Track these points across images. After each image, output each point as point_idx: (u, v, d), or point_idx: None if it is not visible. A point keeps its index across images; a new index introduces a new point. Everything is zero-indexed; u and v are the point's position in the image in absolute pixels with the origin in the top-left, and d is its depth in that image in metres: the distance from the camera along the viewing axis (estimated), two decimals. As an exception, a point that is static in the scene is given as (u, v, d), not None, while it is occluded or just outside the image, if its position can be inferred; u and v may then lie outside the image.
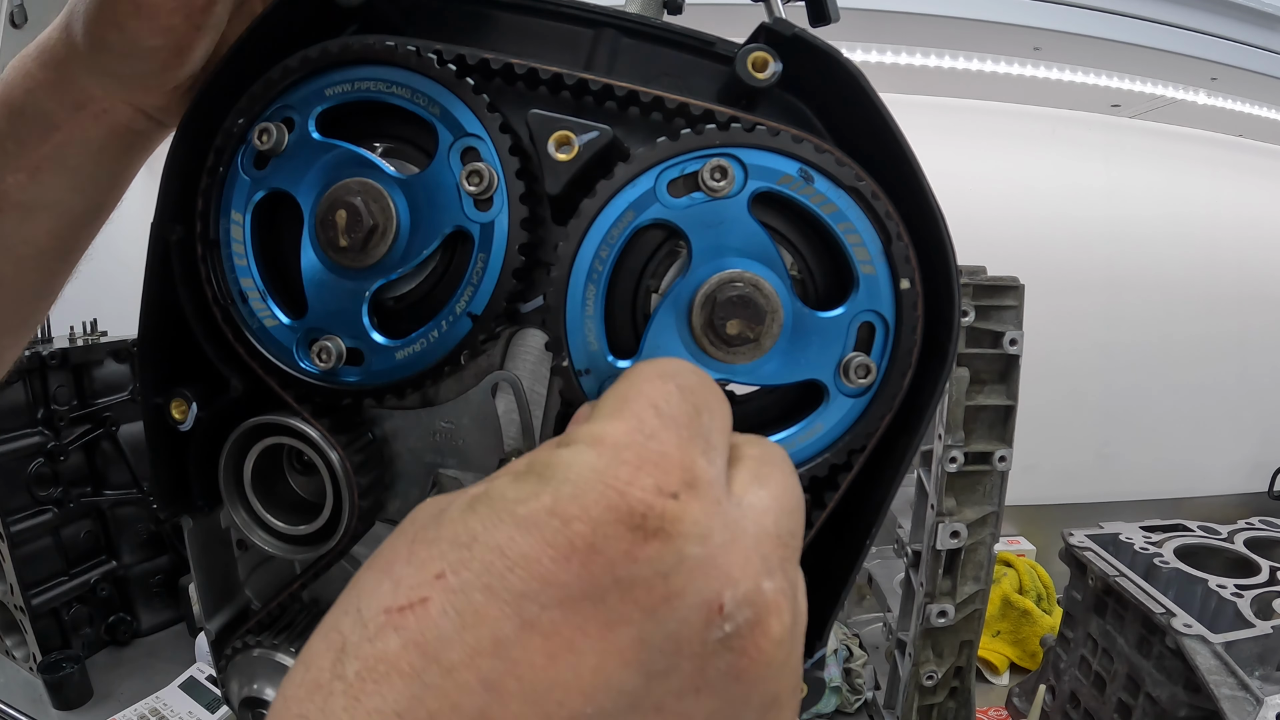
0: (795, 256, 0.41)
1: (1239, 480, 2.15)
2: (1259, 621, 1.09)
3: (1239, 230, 2.14)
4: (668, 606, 0.23)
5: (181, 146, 0.44)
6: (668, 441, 0.25)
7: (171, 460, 0.47)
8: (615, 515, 0.23)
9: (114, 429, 1.60)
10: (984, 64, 1.72)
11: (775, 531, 0.26)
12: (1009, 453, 1.18)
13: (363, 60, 0.41)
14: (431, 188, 0.41)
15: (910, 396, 0.40)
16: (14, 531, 1.43)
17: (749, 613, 0.24)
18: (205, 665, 1.49)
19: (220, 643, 0.51)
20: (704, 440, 0.27)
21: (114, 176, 0.51)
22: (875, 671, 1.46)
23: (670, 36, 0.42)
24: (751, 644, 0.24)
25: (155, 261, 0.45)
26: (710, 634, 0.23)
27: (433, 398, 0.46)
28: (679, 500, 0.24)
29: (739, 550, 0.24)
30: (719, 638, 0.23)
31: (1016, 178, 2.02)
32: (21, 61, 0.47)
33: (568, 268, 0.40)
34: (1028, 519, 1.95)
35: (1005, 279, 1.20)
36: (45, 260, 0.53)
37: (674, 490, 0.24)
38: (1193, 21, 1.57)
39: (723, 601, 0.23)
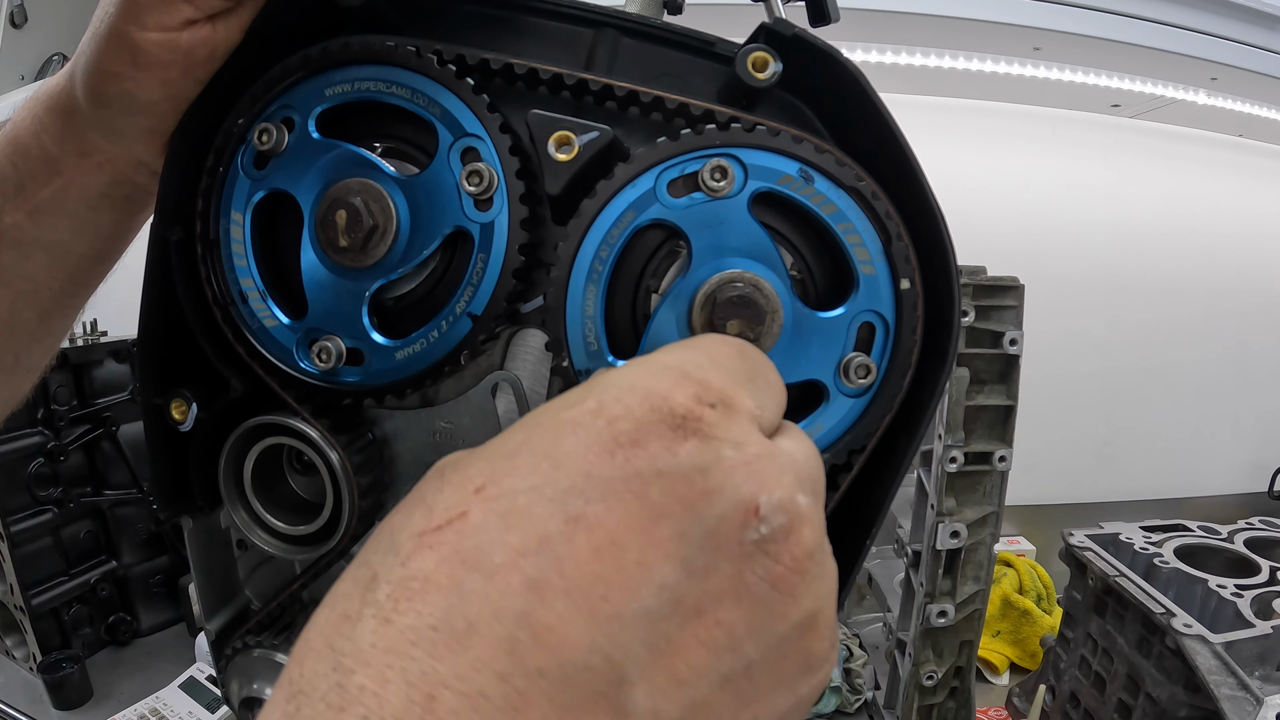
0: (795, 256, 0.41)
1: (1239, 480, 2.15)
2: (1259, 621, 1.09)
3: (1239, 230, 2.14)
4: (706, 502, 0.23)
5: (181, 146, 0.44)
6: (713, 374, 0.27)
7: (171, 460, 0.47)
8: (657, 415, 0.24)
9: (114, 429, 1.60)
10: (984, 64, 1.72)
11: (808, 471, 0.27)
12: (1009, 453, 1.18)
13: (363, 60, 0.41)
14: (431, 188, 0.41)
15: (910, 396, 0.40)
16: (14, 531, 1.42)
17: (783, 519, 0.24)
18: (205, 665, 1.48)
19: (220, 643, 0.51)
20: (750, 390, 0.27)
21: (115, 225, 0.52)
22: (875, 671, 1.46)
23: (670, 36, 0.42)
24: (786, 550, 0.24)
25: (155, 262, 0.45)
26: (747, 534, 0.24)
27: (433, 398, 0.46)
28: (716, 410, 0.25)
29: (774, 465, 0.25)
30: (755, 539, 0.24)
31: (1016, 178, 2.01)
32: (32, 103, 0.48)
33: (568, 268, 0.40)
34: (1028, 519, 1.95)
35: (1005, 279, 1.20)
36: (42, 299, 0.53)
37: (712, 402, 0.25)
38: (1193, 21, 1.57)
39: (758, 503, 0.24)
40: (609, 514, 0.23)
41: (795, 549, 0.24)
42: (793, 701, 0.26)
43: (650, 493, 0.23)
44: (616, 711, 0.22)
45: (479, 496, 0.24)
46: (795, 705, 0.26)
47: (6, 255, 0.50)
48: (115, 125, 0.44)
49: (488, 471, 0.24)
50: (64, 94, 0.46)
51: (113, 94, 0.42)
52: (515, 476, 0.24)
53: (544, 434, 0.25)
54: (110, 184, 0.48)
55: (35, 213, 0.49)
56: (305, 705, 0.22)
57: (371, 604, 0.23)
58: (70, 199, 0.48)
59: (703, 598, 0.23)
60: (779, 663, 0.25)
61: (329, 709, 0.21)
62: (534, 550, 0.23)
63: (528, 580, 0.22)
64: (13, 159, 0.48)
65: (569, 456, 0.24)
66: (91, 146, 0.47)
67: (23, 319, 0.54)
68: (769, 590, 0.24)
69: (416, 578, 0.23)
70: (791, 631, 0.25)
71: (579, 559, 0.22)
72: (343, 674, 0.22)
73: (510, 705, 0.21)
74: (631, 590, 0.22)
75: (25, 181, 0.48)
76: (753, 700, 0.25)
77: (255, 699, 0.49)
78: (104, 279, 0.56)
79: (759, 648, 0.24)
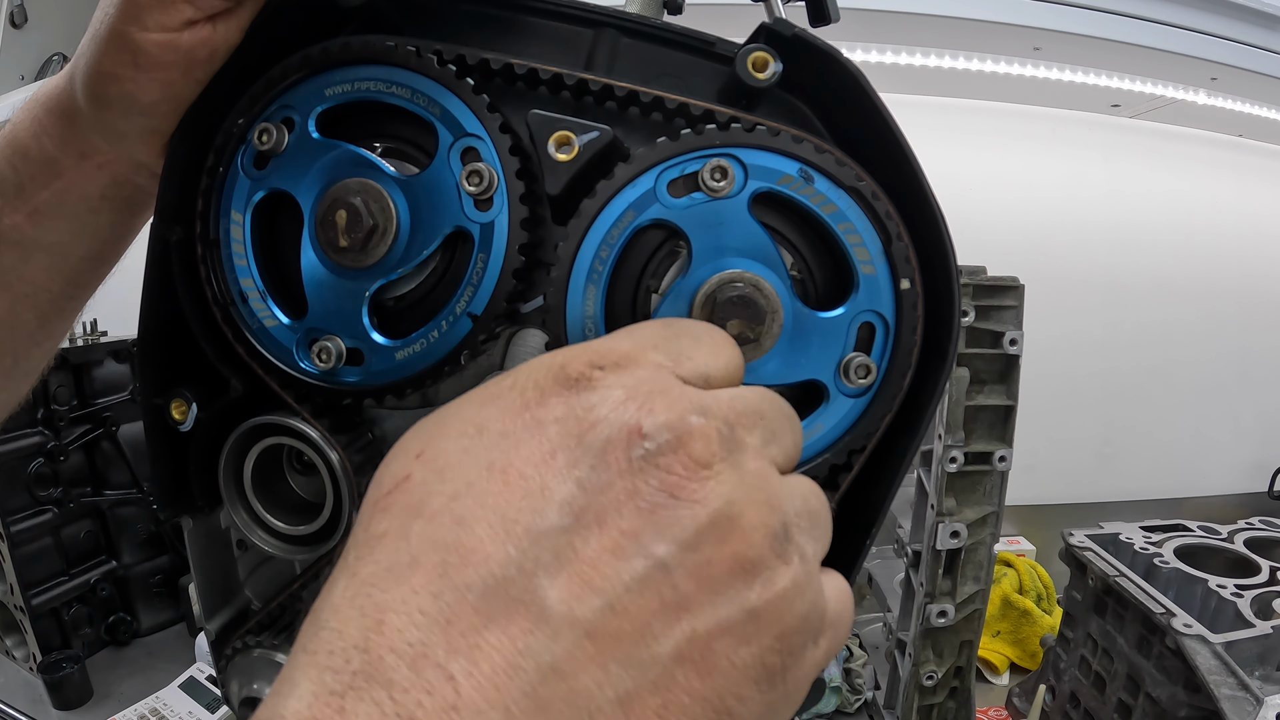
0: (795, 256, 0.41)
1: (1239, 480, 2.15)
2: (1259, 621, 1.09)
3: (1239, 230, 2.14)
4: (593, 431, 0.27)
5: (181, 146, 0.44)
6: (620, 342, 0.30)
7: (171, 460, 0.47)
8: (555, 378, 0.29)
9: (114, 429, 1.60)
10: (984, 64, 1.72)
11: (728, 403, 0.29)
12: (1009, 453, 1.18)
13: (363, 60, 0.41)
14: (431, 188, 0.41)
15: (910, 396, 0.40)
16: (14, 531, 1.42)
17: (668, 435, 0.27)
18: (205, 665, 1.48)
19: (220, 643, 0.51)
20: (669, 350, 0.31)
21: (115, 227, 0.52)
22: (875, 671, 1.46)
23: (670, 36, 0.42)
24: (675, 460, 0.27)
25: (155, 262, 0.45)
26: (633, 451, 0.27)
27: (433, 398, 0.46)
28: (607, 369, 0.29)
29: (667, 397, 0.28)
30: (641, 455, 0.27)
31: (1016, 178, 2.01)
32: (32, 104, 0.48)
33: (568, 268, 0.40)
34: (1028, 519, 1.95)
35: (1005, 279, 1.20)
36: (41, 301, 0.53)
37: (603, 364, 0.29)
38: (1193, 21, 1.56)
39: (641, 425, 0.27)
40: (516, 455, 0.27)
41: (685, 459, 0.27)
42: (740, 612, 0.26)
43: (548, 434, 0.27)
44: (535, 616, 0.25)
45: (419, 461, 0.28)
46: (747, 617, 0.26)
47: (6, 257, 0.50)
48: (115, 126, 0.44)
49: (424, 439, 0.29)
50: (64, 95, 0.46)
51: (113, 95, 0.42)
52: (447, 440, 0.28)
53: (471, 406, 0.29)
54: (110, 185, 0.48)
55: (35, 214, 0.49)
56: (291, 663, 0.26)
57: (343, 569, 0.27)
58: (70, 200, 0.48)
59: (602, 511, 0.26)
60: (703, 567, 0.26)
61: (303, 653, 0.25)
62: (462, 493, 0.27)
63: (456, 516, 0.26)
64: (12, 161, 0.48)
65: (489, 419, 0.28)
66: (91, 148, 0.46)
67: (22, 321, 0.54)
68: (666, 497, 0.27)
69: (375, 535, 0.27)
70: (702, 534, 0.26)
71: (494, 492, 0.26)
72: (318, 626, 0.26)
73: (444, 617, 0.24)
74: (535, 511, 0.26)
75: (25, 183, 0.48)
76: (685, 608, 0.26)
77: (255, 699, 0.49)
78: (103, 281, 0.56)
79: (667, 548, 0.26)
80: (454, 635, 0.24)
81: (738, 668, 0.26)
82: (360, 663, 0.24)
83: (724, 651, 0.26)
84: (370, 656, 0.24)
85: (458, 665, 0.24)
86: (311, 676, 0.24)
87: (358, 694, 0.23)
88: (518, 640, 0.24)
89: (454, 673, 0.24)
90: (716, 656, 0.26)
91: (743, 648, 0.26)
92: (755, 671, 0.27)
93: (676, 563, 0.26)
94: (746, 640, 0.26)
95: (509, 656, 0.24)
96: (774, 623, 0.27)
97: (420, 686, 0.23)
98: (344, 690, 0.24)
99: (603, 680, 0.25)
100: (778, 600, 0.27)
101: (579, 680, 0.24)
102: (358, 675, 0.24)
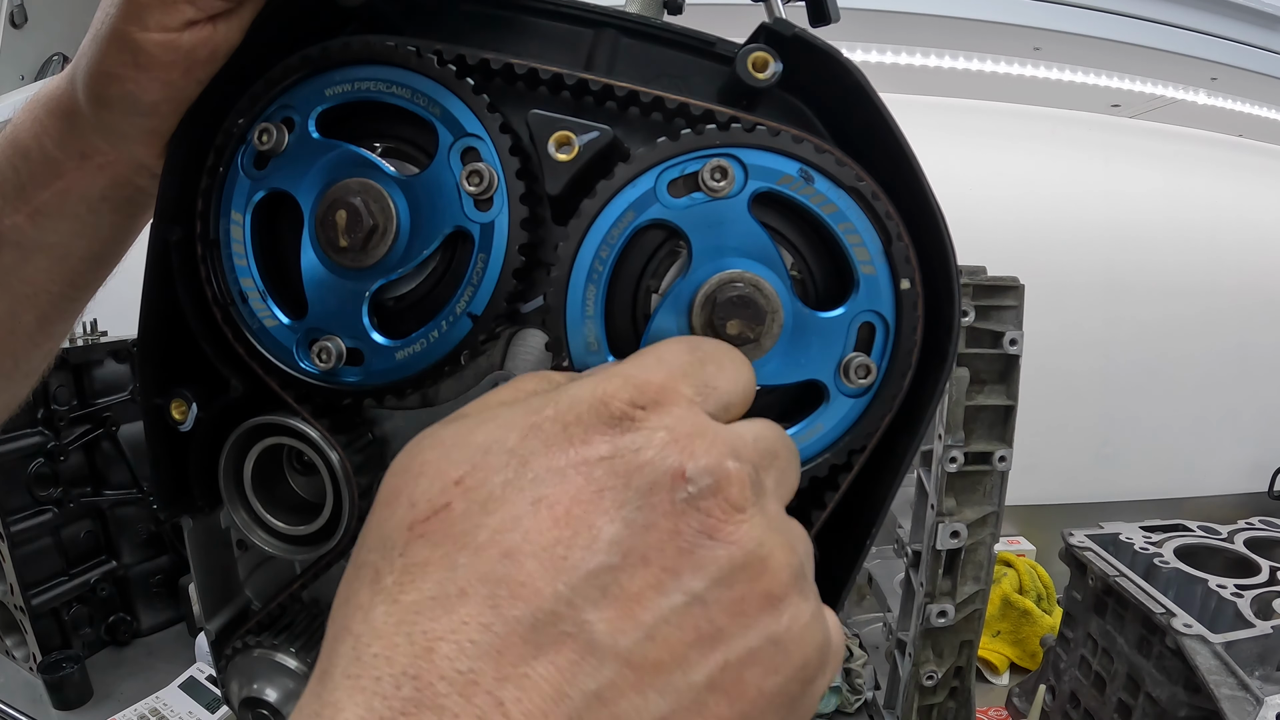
0: (795, 257, 0.41)
1: (1239, 480, 2.15)
2: (1259, 621, 1.09)
3: (1239, 230, 2.14)
4: (639, 473, 0.28)
5: (181, 146, 0.44)
6: (654, 373, 0.31)
7: (171, 460, 0.47)
8: (599, 417, 0.29)
9: (114, 429, 1.60)
10: (984, 64, 1.72)
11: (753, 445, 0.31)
12: (1009, 453, 1.18)
13: (363, 60, 0.41)
14: (431, 188, 0.41)
15: (910, 397, 0.40)
16: (14, 531, 1.42)
17: (709, 480, 0.29)
18: (205, 665, 1.48)
19: (220, 643, 0.51)
20: (697, 381, 0.32)
21: (116, 228, 0.52)
22: (875, 671, 1.46)
23: (670, 36, 0.42)
24: (715, 504, 0.28)
25: (155, 261, 0.45)
26: (677, 494, 0.28)
27: (433, 398, 0.46)
28: (647, 409, 0.30)
29: (704, 440, 0.30)
30: (684, 498, 0.28)
31: (1016, 178, 2.01)
32: (32, 105, 0.48)
33: (568, 268, 0.40)
34: (1028, 519, 1.95)
35: (1005, 279, 1.20)
36: (41, 302, 0.53)
37: (645, 403, 0.30)
38: (1193, 21, 1.56)
39: (685, 469, 0.28)
40: (565, 493, 0.28)
41: (724, 503, 0.28)
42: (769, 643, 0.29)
43: (596, 474, 0.28)
44: (582, 647, 0.26)
45: (460, 488, 0.29)
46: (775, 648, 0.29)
47: (6, 258, 0.50)
48: (116, 127, 0.44)
49: (464, 466, 0.29)
50: (65, 96, 0.46)
51: (114, 95, 0.42)
52: (490, 472, 0.29)
53: (513, 435, 0.30)
54: (110, 186, 0.48)
55: (35, 215, 0.49)
56: (327, 681, 0.26)
57: (380, 592, 0.27)
58: (70, 201, 0.48)
59: (646, 549, 0.27)
60: (736, 603, 0.28)
61: (346, 678, 0.26)
62: (509, 528, 0.27)
63: (504, 550, 0.27)
64: (13, 161, 0.48)
65: (533, 454, 0.29)
66: (92, 148, 0.46)
67: (22, 322, 0.54)
68: (704, 538, 0.28)
69: (416, 563, 0.27)
70: (736, 570, 0.28)
71: (542, 529, 0.27)
72: (360, 649, 0.26)
73: (494, 648, 0.25)
74: (584, 548, 0.27)
75: (26, 183, 0.48)
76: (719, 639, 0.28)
77: (255, 699, 0.49)
78: (103, 283, 0.56)
79: (703, 583, 0.28)
80: (504, 665, 0.25)
81: (765, 695, 0.28)
82: (411, 689, 0.25)
83: (754, 680, 0.28)
84: (420, 683, 0.25)
85: (508, 693, 0.25)
86: (359, 701, 0.25)
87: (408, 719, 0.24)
88: (565, 670, 0.26)
89: (504, 699, 0.25)
90: (746, 685, 0.28)
91: (771, 677, 0.28)
92: (779, 699, 0.29)
93: (713, 599, 0.28)
94: (774, 670, 0.29)
95: (556, 685, 0.25)
96: (797, 653, 0.29)
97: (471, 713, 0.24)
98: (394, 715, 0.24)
99: (642, 706, 0.26)
100: (802, 632, 0.29)
101: (619, 706, 0.26)
102: (408, 701, 0.24)
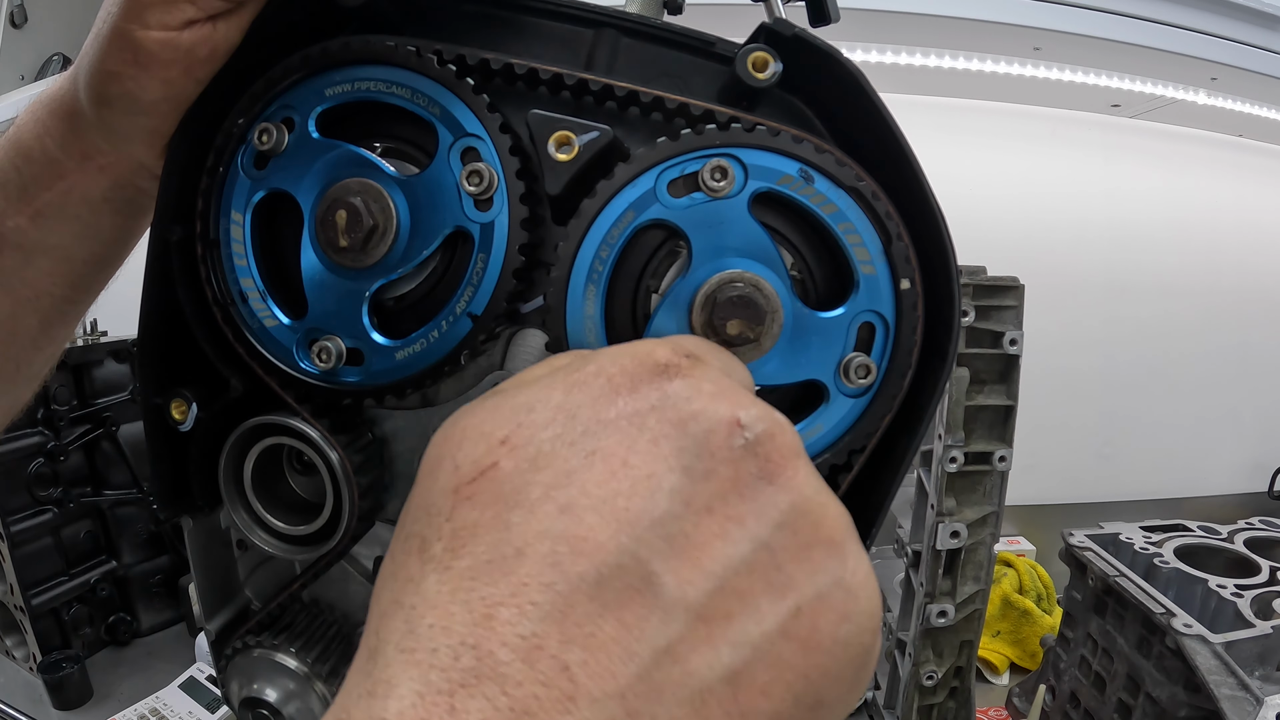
0: (795, 256, 0.41)
1: (1239, 480, 2.15)
2: (1259, 621, 1.09)
3: (1239, 230, 2.14)
4: (695, 420, 0.28)
5: (181, 146, 0.44)
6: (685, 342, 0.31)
7: (171, 460, 0.47)
8: (645, 366, 0.29)
9: (114, 429, 1.60)
10: (984, 64, 1.72)
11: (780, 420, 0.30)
12: (1009, 453, 1.18)
13: (363, 60, 0.41)
14: (431, 188, 0.41)
15: (910, 396, 0.40)
16: (14, 531, 1.42)
17: (762, 426, 0.28)
18: (205, 665, 1.48)
19: (220, 643, 0.51)
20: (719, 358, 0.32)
21: (117, 229, 0.52)
22: (875, 671, 1.46)
23: (670, 36, 0.42)
24: (772, 448, 0.28)
25: (155, 261, 0.45)
26: (734, 440, 0.28)
27: (433, 398, 0.46)
28: (690, 360, 0.29)
29: (749, 395, 0.29)
30: (741, 444, 0.28)
31: (1016, 178, 2.01)
32: (35, 106, 0.48)
33: (568, 268, 0.40)
34: (1028, 519, 1.95)
35: (1005, 279, 1.20)
36: (43, 305, 0.53)
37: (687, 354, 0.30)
38: (1193, 21, 1.56)
39: (738, 416, 0.28)
40: (619, 444, 0.27)
41: (781, 446, 0.28)
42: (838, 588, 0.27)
43: (649, 422, 0.28)
44: (649, 601, 0.25)
45: (505, 447, 0.27)
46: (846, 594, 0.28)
47: (8, 260, 0.50)
48: (117, 126, 0.44)
49: (508, 425, 0.28)
50: (67, 96, 0.46)
51: (114, 94, 0.42)
52: (536, 429, 0.28)
53: (555, 391, 0.29)
54: (112, 187, 0.48)
55: (37, 216, 0.49)
56: (379, 658, 0.25)
57: (430, 561, 0.26)
58: (72, 202, 0.48)
59: (709, 497, 0.27)
60: (803, 548, 0.27)
61: (400, 653, 0.24)
62: (563, 483, 0.26)
63: (561, 506, 0.26)
64: (15, 162, 0.48)
65: (580, 407, 0.28)
66: (93, 149, 0.47)
67: (24, 326, 0.54)
68: (764, 483, 0.28)
69: (465, 527, 0.26)
70: (799, 515, 0.28)
71: (600, 481, 0.26)
72: (413, 621, 0.25)
73: (557, 609, 0.24)
74: (646, 497, 0.26)
75: (28, 184, 0.48)
76: (790, 585, 0.27)
77: (255, 699, 0.49)
78: (105, 286, 0.56)
79: (768, 529, 0.27)
80: (569, 625, 0.24)
81: (840, 643, 0.27)
82: (471, 659, 0.23)
83: (828, 628, 0.27)
84: (480, 652, 0.24)
85: (573, 655, 0.24)
86: (414, 675, 0.24)
87: (468, 691, 0.23)
88: (632, 627, 0.25)
89: (569, 663, 0.24)
90: (821, 632, 0.27)
91: (844, 624, 0.27)
92: (854, 648, 0.28)
93: (779, 545, 0.27)
94: (847, 616, 0.27)
95: (624, 643, 0.24)
96: (865, 599, 0.28)
97: (535, 679, 0.23)
98: (453, 689, 0.23)
99: (714, 660, 0.25)
100: (866, 578, 0.28)
101: (691, 662, 0.25)
102: (468, 673, 0.23)
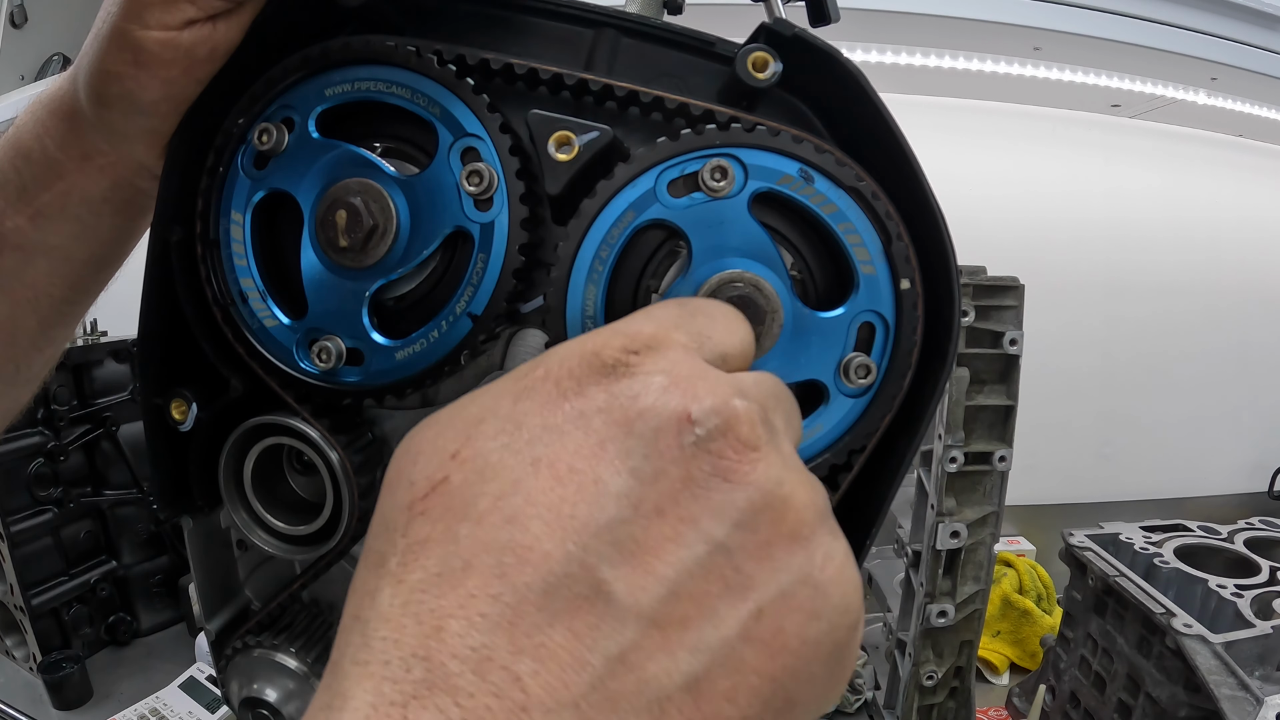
0: (795, 256, 0.41)
1: (1239, 480, 2.15)
2: (1259, 621, 1.09)
3: (1239, 230, 2.14)
4: (641, 420, 0.27)
5: (181, 146, 0.44)
6: (643, 324, 0.30)
7: (171, 460, 0.47)
8: (591, 367, 0.28)
9: (114, 429, 1.60)
10: (984, 64, 1.72)
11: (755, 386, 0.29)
12: (1009, 453, 1.18)
13: (363, 60, 0.41)
14: (431, 188, 0.41)
15: (910, 397, 0.40)
16: (14, 531, 1.42)
17: (716, 420, 0.27)
18: (205, 665, 1.48)
19: (220, 643, 0.51)
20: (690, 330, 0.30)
21: (117, 230, 0.52)
22: (875, 671, 1.46)
23: (670, 36, 0.42)
24: (726, 445, 0.27)
25: (155, 261, 0.45)
26: (684, 438, 0.26)
27: (433, 398, 0.46)
28: (641, 354, 0.28)
29: (705, 381, 0.28)
30: (693, 441, 0.26)
31: (1016, 178, 2.01)
32: (35, 106, 0.48)
33: (568, 268, 0.40)
34: (1028, 519, 1.94)
35: (1005, 279, 1.20)
36: (43, 306, 0.53)
37: (637, 348, 0.28)
38: (1193, 21, 1.56)
39: (689, 411, 0.27)
40: (564, 449, 0.26)
41: (735, 442, 0.27)
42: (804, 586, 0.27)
43: (594, 425, 0.27)
44: (599, 609, 0.24)
45: (456, 461, 0.27)
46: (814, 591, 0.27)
47: (8, 260, 0.50)
48: (116, 126, 0.44)
49: (459, 439, 0.27)
50: (67, 97, 0.46)
51: (114, 94, 0.42)
52: (485, 439, 0.27)
53: (505, 401, 0.28)
54: (111, 188, 0.48)
55: (37, 217, 0.49)
56: (337, 671, 0.25)
57: (385, 575, 0.26)
58: (72, 203, 0.48)
59: (660, 499, 0.26)
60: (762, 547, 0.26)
61: (354, 665, 0.24)
62: (510, 492, 0.26)
63: (507, 516, 0.25)
64: (15, 162, 0.48)
65: (527, 415, 0.27)
66: (93, 149, 0.47)
67: (24, 327, 0.53)
68: (719, 482, 0.26)
69: (418, 541, 0.26)
70: (757, 512, 0.26)
71: (545, 488, 0.26)
72: (368, 635, 0.25)
73: (505, 619, 0.24)
74: (591, 503, 0.25)
75: (28, 185, 0.48)
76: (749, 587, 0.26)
77: (255, 699, 0.49)
78: (105, 286, 0.56)
79: (723, 529, 0.26)
80: (518, 636, 0.24)
81: (808, 643, 0.26)
82: (422, 671, 0.23)
83: (794, 629, 0.26)
84: (432, 664, 0.23)
85: (524, 666, 0.23)
86: (368, 688, 0.24)
87: (420, 703, 0.23)
88: (583, 636, 0.24)
89: (520, 673, 0.23)
90: (786, 634, 0.26)
91: (812, 623, 0.26)
92: (824, 647, 0.27)
93: (736, 544, 0.26)
94: (814, 615, 0.27)
95: (575, 653, 0.24)
96: (836, 594, 0.27)
97: (486, 690, 0.23)
98: (405, 700, 0.23)
99: (671, 668, 0.25)
100: (838, 572, 0.28)
101: (647, 670, 0.24)
102: (420, 684, 0.23)
